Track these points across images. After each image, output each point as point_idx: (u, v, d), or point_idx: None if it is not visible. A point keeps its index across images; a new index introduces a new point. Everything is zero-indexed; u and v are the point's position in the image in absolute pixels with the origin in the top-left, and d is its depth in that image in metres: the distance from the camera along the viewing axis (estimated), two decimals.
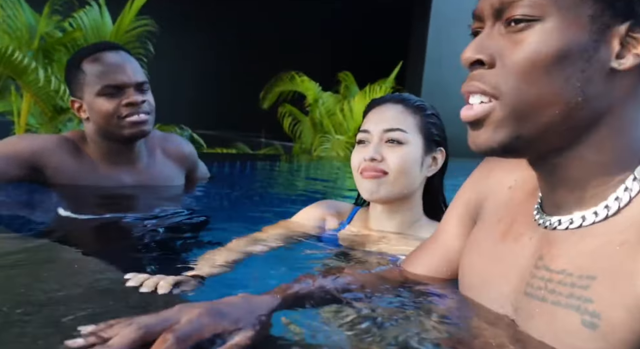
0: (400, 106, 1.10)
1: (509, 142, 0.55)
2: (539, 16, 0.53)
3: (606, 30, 0.52)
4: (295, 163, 3.94)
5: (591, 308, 0.51)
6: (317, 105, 5.13)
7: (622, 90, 0.54)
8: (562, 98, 0.53)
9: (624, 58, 0.53)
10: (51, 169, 1.51)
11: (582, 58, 0.52)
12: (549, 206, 0.61)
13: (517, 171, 0.72)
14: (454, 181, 1.18)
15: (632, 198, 0.54)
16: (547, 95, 0.53)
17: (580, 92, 0.53)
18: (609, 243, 0.54)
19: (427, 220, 1.16)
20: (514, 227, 0.66)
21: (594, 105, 0.54)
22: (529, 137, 0.55)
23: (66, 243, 0.99)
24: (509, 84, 0.54)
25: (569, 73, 0.53)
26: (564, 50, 0.52)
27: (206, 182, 1.96)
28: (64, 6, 3.50)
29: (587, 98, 0.53)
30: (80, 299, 0.65)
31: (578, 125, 0.55)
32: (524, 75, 0.53)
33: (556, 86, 0.53)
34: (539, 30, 0.53)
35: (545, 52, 0.52)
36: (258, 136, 6.37)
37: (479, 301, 0.67)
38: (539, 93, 0.53)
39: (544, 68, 0.53)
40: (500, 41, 0.55)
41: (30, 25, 3.38)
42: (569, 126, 0.54)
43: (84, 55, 1.53)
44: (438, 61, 6.27)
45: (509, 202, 0.71)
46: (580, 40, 0.52)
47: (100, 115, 1.50)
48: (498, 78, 0.55)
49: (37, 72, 2.97)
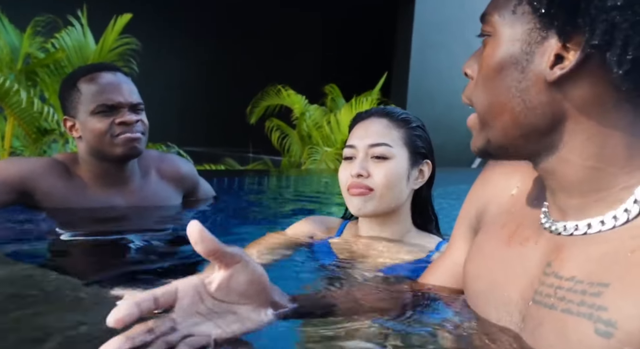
0: (385, 120, 1.10)
1: (484, 146, 0.62)
2: (489, 32, 0.58)
3: (543, 43, 0.54)
4: (285, 177, 3.94)
5: (605, 316, 0.50)
6: (304, 118, 5.15)
7: (575, 101, 0.55)
8: (508, 107, 0.58)
9: (552, 70, 0.54)
10: (41, 193, 1.49)
11: (517, 69, 0.56)
12: (554, 211, 0.62)
13: (517, 177, 0.73)
14: (440, 190, 1.19)
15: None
16: (496, 104, 0.59)
17: (521, 101, 0.56)
18: (619, 250, 0.53)
19: (417, 231, 1.16)
20: (519, 231, 0.66)
21: (540, 113, 0.56)
22: (497, 142, 0.60)
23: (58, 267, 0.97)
24: (474, 94, 0.61)
25: (508, 84, 0.57)
26: (499, 63, 0.57)
27: (211, 202, 1.92)
28: (46, 27, 3.49)
29: (529, 106, 0.56)
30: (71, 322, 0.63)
31: (534, 130, 0.57)
32: (483, 86, 0.60)
33: (501, 96, 0.58)
34: (490, 44, 0.58)
35: (488, 65, 0.58)
36: (246, 151, 6.35)
37: (486, 307, 0.66)
38: (492, 102, 0.59)
39: (490, 80, 0.59)
40: (479, 55, 0.61)
41: (13, 46, 3.36)
42: (524, 132, 0.58)
43: (80, 75, 1.53)
44: (423, 70, 6.34)
45: (511, 208, 0.71)
46: (514, 52, 0.56)
47: (93, 133, 1.49)
48: (471, 90, 0.62)
49: (19, 94, 2.95)
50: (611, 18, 0.50)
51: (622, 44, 0.50)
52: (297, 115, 5.21)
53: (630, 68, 0.50)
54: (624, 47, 0.50)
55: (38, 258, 1.21)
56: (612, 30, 0.50)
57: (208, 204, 1.90)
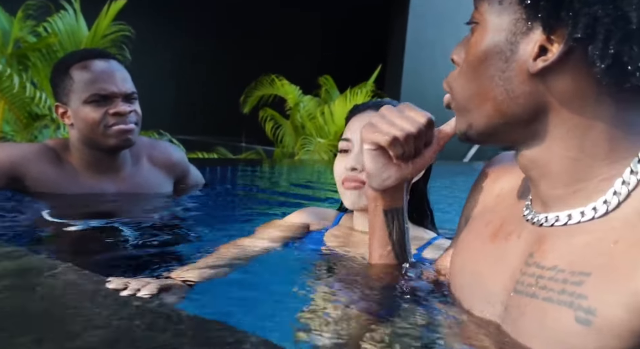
0: None
1: (466, 130, 0.63)
2: (477, 20, 0.59)
3: (528, 33, 0.55)
4: (278, 167, 3.94)
5: (585, 305, 0.51)
6: (297, 108, 5.14)
7: (558, 93, 0.55)
8: (491, 96, 0.59)
9: (535, 61, 0.54)
10: (31, 179, 1.48)
11: (501, 59, 0.57)
12: (537, 203, 0.62)
13: (503, 179, 0.74)
14: (433, 183, 1.20)
15: (620, 202, 0.55)
16: (478, 92, 0.60)
17: (504, 91, 0.58)
18: (602, 240, 0.54)
19: (412, 226, 1.16)
20: (503, 227, 0.67)
21: (522, 104, 0.57)
22: (479, 128, 0.62)
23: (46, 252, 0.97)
24: (456, 82, 0.63)
25: (492, 73, 0.58)
26: (484, 51, 0.58)
27: (200, 189, 1.93)
28: (38, 11, 3.44)
29: (511, 96, 0.57)
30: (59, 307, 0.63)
31: (516, 119, 0.58)
32: (466, 74, 0.61)
33: (484, 84, 0.59)
34: (476, 33, 0.59)
35: (473, 53, 0.59)
36: (239, 141, 6.33)
37: (470, 300, 0.67)
38: (474, 89, 0.60)
39: (474, 68, 0.60)
40: (466, 42, 0.62)
41: (4, 30, 3.31)
42: (506, 120, 0.59)
43: (73, 61, 1.50)
44: (417, 62, 6.34)
45: (496, 207, 0.72)
46: (498, 42, 0.57)
47: (85, 123, 1.47)
48: (453, 77, 0.63)
49: (11, 79, 2.91)
50: (593, 12, 0.50)
51: (604, 38, 0.51)
52: (291, 106, 5.19)
53: (612, 62, 0.51)
54: (605, 41, 0.51)
55: (26, 242, 1.21)
56: (594, 24, 0.51)
57: (201, 192, 1.90)
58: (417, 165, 0.77)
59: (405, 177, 0.78)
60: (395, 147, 0.74)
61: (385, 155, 0.76)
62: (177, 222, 1.49)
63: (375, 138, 0.75)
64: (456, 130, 0.66)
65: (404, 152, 0.75)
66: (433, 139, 0.77)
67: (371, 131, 0.75)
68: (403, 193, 0.80)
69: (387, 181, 0.77)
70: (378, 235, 0.82)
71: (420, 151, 0.76)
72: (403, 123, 0.73)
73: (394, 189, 0.79)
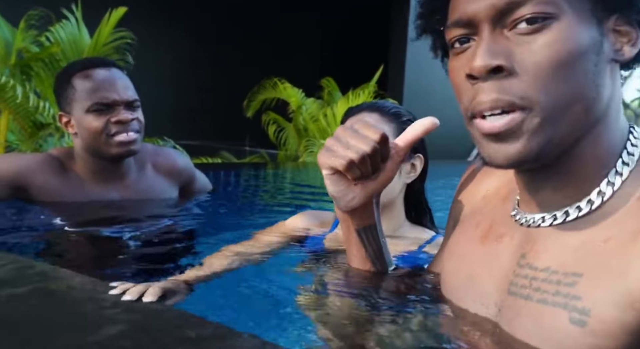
0: (376, 114, 1.10)
1: (542, 149, 0.53)
2: (554, 13, 0.51)
3: (602, 24, 0.54)
4: (282, 170, 3.94)
5: (579, 305, 0.51)
6: (300, 111, 5.14)
7: (613, 82, 0.55)
8: (584, 94, 0.53)
9: (621, 50, 0.54)
10: (36, 188, 1.49)
11: (594, 52, 0.52)
12: (531, 206, 0.61)
13: (487, 181, 0.75)
14: (435, 184, 1.20)
15: (614, 192, 0.54)
16: (573, 93, 0.52)
17: (595, 86, 0.53)
18: (592, 239, 0.54)
19: (411, 225, 1.16)
20: (493, 229, 0.67)
21: (604, 98, 0.54)
22: (559, 140, 0.53)
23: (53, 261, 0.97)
24: (538, 90, 0.51)
25: (587, 68, 0.52)
26: (582, 45, 0.52)
27: (206, 194, 1.92)
28: (40, 21, 3.46)
29: (600, 91, 0.54)
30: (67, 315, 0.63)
31: (594, 119, 0.55)
32: (551, 77, 0.51)
33: (579, 83, 0.52)
34: (556, 27, 0.51)
35: (567, 50, 0.51)
36: (242, 145, 6.34)
37: (464, 302, 0.67)
38: (567, 93, 0.52)
39: (567, 67, 0.51)
40: (511, 45, 0.52)
41: (7, 40, 3.33)
42: (588, 121, 0.54)
43: (75, 70, 1.51)
44: (418, 64, 6.33)
45: (483, 208, 0.72)
46: (592, 34, 0.52)
47: (88, 132, 1.48)
48: (525, 87, 0.51)
49: (15, 89, 2.93)
50: None
51: None
52: (294, 109, 5.20)
53: None
54: None
55: (31, 249, 1.21)
56: None
57: (205, 197, 1.90)
58: (380, 180, 0.74)
59: (371, 195, 0.75)
60: (352, 170, 0.71)
61: (345, 177, 0.73)
62: (181, 228, 1.49)
63: (331, 163, 0.71)
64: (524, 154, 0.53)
65: (362, 173, 0.72)
66: (391, 153, 0.74)
67: (327, 156, 0.72)
68: (372, 209, 0.77)
69: (352, 203, 0.75)
70: (355, 253, 0.81)
71: (380, 167, 0.73)
72: (358, 143, 0.70)
73: (362, 208, 0.76)
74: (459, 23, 0.55)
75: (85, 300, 0.70)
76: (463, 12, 0.54)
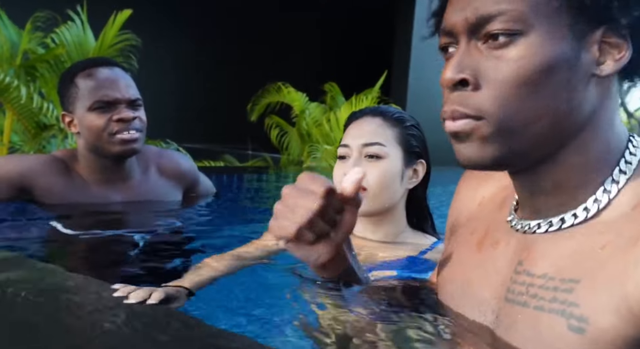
0: (379, 119, 1.10)
1: (500, 156, 0.55)
2: (521, 30, 0.52)
3: (584, 37, 0.53)
4: (285, 174, 3.94)
5: (577, 312, 0.51)
6: (303, 116, 5.15)
7: (601, 94, 0.55)
8: (550, 110, 0.53)
9: (604, 64, 0.53)
10: (40, 189, 1.50)
11: (567, 68, 0.52)
12: (527, 212, 0.61)
13: (483, 188, 0.74)
14: (441, 189, 1.19)
15: (610, 200, 0.54)
16: (535, 109, 0.53)
17: (566, 101, 0.53)
18: (589, 245, 0.53)
19: (412, 231, 1.16)
20: (488, 235, 0.67)
21: (579, 112, 0.54)
22: (520, 149, 0.55)
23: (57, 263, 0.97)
24: (495, 104, 0.53)
25: (556, 85, 0.52)
26: (550, 62, 0.51)
27: (209, 197, 1.92)
28: (45, 22, 3.48)
29: (572, 106, 0.54)
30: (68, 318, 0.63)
31: (566, 132, 0.55)
32: (511, 93, 0.52)
33: (545, 99, 0.52)
34: (523, 44, 0.52)
35: (532, 67, 0.51)
36: (245, 148, 6.34)
37: (460, 308, 0.66)
38: (528, 108, 0.52)
39: (532, 84, 0.52)
40: (481, 59, 0.54)
41: (13, 42, 3.35)
42: (556, 134, 0.55)
43: (78, 70, 1.53)
44: (423, 69, 6.33)
45: (479, 215, 0.72)
46: (564, 50, 0.52)
47: (90, 130, 1.49)
48: (482, 100, 0.53)
49: (19, 90, 2.94)
50: None
51: None
52: (297, 113, 5.20)
53: None
54: None
55: (36, 254, 1.21)
56: None
57: (208, 200, 1.90)
58: (343, 228, 0.67)
59: (335, 248, 0.68)
60: (304, 235, 0.64)
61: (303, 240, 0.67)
62: (184, 231, 1.49)
63: (280, 233, 0.65)
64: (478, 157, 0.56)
65: (317, 234, 0.65)
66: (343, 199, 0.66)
67: (275, 226, 0.65)
68: (344, 255, 0.71)
69: (320, 259, 0.68)
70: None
71: (336, 219, 0.66)
72: (304, 202, 0.63)
73: (333, 260, 0.69)
74: (443, 31, 0.57)
75: (88, 302, 0.70)
76: (447, 22, 0.56)
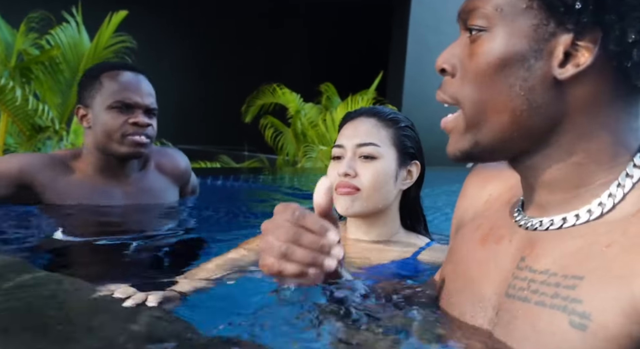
0: (374, 119, 1.10)
1: (469, 149, 0.59)
2: (486, 27, 0.56)
3: (550, 40, 0.53)
4: (280, 175, 3.94)
5: (580, 309, 0.51)
6: (298, 116, 5.15)
7: (577, 99, 0.54)
8: (509, 107, 0.55)
9: (564, 67, 0.53)
10: (40, 186, 1.51)
11: (523, 67, 0.54)
12: (531, 208, 0.62)
13: (490, 186, 0.74)
14: (438, 190, 1.19)
15: (615, 204, 0.55)
16: (494, 103, 0.56)
17: (525, 101, 0.55)
18: (593, 244, 0.54)
19: (405, 232, 1.16)
20: (493, 231, 0.67)
21: (543, 113, 0.55)
22: (486, 144, 0.58)
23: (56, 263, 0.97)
24: (464, 93, 0.58)
25: (512, 82, 0.55)
26: (504, 59, 0.54)
27: (195, 196, 1.94)
28: (40, 23, 3.47)
29: (533, 106, 0.55)
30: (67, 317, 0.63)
31: (532, 131, 0.56)
32: (475, 84, 0.57)
33: (502, 95, 0.55)
34: (486, 39, 0.56)
35: (488, 61, 0.55)
36: (241, 149, 6.34)
37: (462, 305, 0.67)
38: (488, 101, 0.56)
39: (489, 78, 0.55)
40: (464, 49, 0.58)
41: (7, 43, 3.33)
42: (521, 132, 0.56)
43: (106, 69, 1.58)
44: (418, 69, 6.35)
45: (485, 212, 0.72)
46: (520, 49, 0.54)
47: (104, 128, 1.52)
48: (456, 88, 0.59)
49: (14, 91, 2.93)
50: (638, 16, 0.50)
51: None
52: (292, 113, 5.21)
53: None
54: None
55: (35, 256, 1.21)
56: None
57: (204, 201, 1.91)
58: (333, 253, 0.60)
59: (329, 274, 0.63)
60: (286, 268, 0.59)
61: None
62: (181, 234, 1.49)
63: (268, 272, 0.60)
64: (453, 150, 0.60)
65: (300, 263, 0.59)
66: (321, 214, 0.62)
67: (261, 265, 0.61)
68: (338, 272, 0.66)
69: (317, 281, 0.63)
70: None
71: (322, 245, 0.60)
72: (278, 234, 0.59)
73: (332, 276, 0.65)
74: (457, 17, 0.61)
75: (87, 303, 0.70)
76: (459, 9, 0.61)
